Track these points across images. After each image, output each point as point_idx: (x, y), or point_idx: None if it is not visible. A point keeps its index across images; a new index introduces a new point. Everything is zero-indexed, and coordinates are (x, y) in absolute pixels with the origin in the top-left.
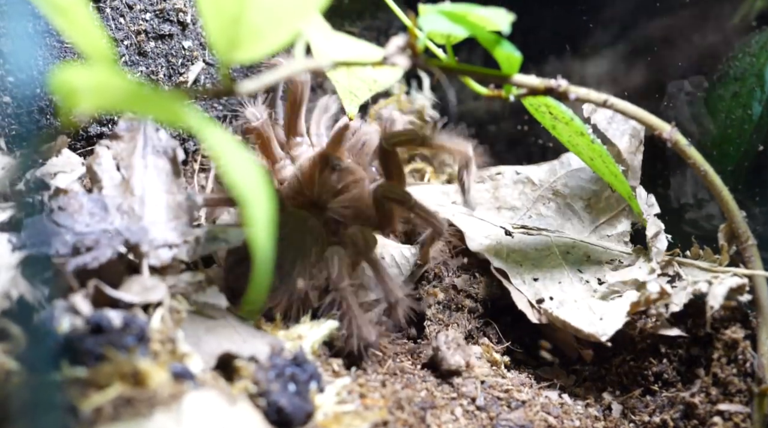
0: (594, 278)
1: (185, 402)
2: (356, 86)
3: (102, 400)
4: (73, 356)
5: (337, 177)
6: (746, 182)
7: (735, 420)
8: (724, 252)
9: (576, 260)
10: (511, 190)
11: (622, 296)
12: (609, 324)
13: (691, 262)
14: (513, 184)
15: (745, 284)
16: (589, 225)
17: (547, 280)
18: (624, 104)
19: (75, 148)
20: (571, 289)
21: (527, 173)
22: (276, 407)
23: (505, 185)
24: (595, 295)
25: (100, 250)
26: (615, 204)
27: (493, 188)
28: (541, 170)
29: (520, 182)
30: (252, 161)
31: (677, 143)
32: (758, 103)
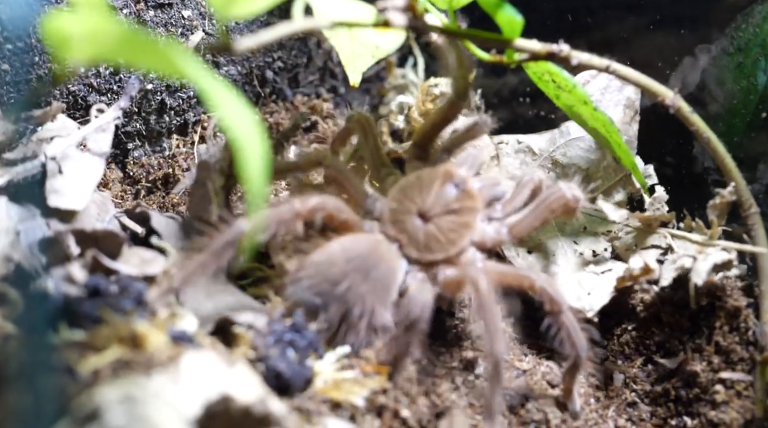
0: (589, 250)
1: (183, 363)
2: (358, 52)
3: (100, 362)
4: (71, 319)
5: (455, 196)
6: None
7: (737, 388)
8: (714, 227)
9: (572, 231)
10: (512, 159)
11: (612, 270)
12: (596, 299)
13: (683, 235)
14: (515, 153)
15: (731, 259)
16: (588, 194)
17: (541, 253)
18: (626, 70)
19: (74, 117)
20: (563, 262)
21: (528, 142)
22: (275, 372)
23: (507, 154)
24: (586, 269)
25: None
26: (613, 174)
27: (496, 157)
28: (542, 138)
29: (521, 151)
30: (247, 109)
31: (680, 110)
32: (763, 73)
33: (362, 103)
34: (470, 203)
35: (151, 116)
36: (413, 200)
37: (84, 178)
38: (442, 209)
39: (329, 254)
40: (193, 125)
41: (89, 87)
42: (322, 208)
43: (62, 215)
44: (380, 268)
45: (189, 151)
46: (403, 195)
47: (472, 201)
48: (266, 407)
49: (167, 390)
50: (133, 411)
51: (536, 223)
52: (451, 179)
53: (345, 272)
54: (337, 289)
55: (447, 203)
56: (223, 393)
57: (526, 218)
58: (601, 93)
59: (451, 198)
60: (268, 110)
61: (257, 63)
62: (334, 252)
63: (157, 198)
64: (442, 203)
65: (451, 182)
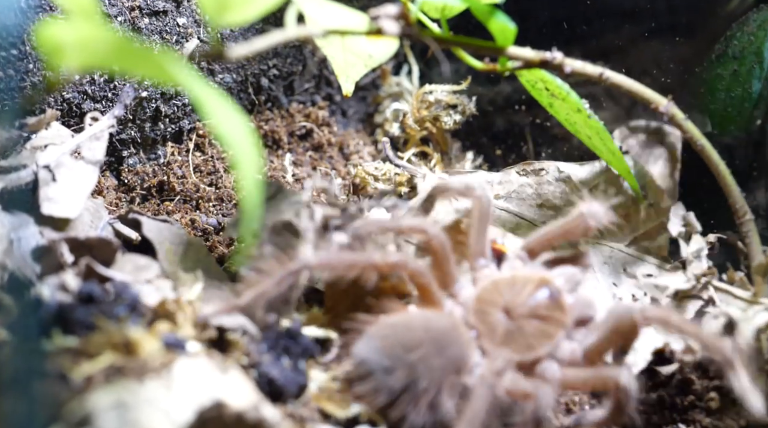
0: (628, 294)
1: (175, 369)
2: (351, 62)
3: (93, 369)
4: (65, 326)
5: (546, 304)
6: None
7: (732, 396)
8: (758, 285)
9: (612, 271)
10: (553, 187)
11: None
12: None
13: (726, 288)
14: (555, 182)
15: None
16: (629, 235)
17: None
18: (620, 78)
19: (69, 125)
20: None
21: (569, 172)
22: (267, 378)
23: (547, 182)
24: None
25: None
26: (654, 215)
27: (536, 183)
28: (582, 170)
29: (562, 180)
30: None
31: (674, 117)
32: (758, 81)
33: (358, 112)
34: (559, 315)
35: (146, 123)
36: (502, 295)
37: (77, 186)
38: (530, 311)
39: (409, 320)
40: (188, 133)
41: (84, 95)
42: (404, 267)
43: (56, 223)
44: (456, 349)
45: (184, 159)
46: (494, 288)
47: (561, 314)
48: (259, 413)
49: (160, 396)
50: (124, 416)
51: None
52: (547, 286)
53: (421, 341)
54: (409, 355)
55: (536, 308)
56: (216, 399)
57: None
58: (641, 148)
59: (541, 304)
60: (263, 118)
61: (252, 71)
62: (415, 319)
63: (152, 205)
64: (530, 306)
65: (545, 288)
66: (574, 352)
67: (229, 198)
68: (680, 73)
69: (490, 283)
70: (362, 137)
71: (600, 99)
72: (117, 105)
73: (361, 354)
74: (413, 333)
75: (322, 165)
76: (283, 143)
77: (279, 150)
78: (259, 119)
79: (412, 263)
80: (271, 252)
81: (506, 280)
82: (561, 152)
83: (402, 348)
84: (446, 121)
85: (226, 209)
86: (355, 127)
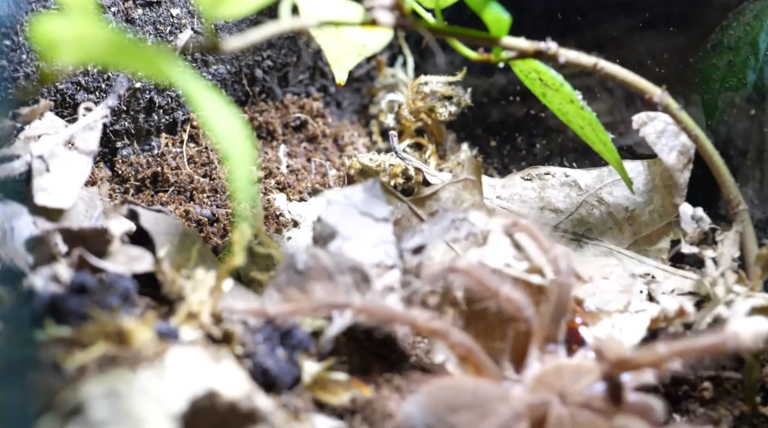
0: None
1: (168, 359)
2: (345, 51)
3: (86, 358)
4: (58, 316)
5: (602, 398)
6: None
7: (726, 386)
8: (756, 278)
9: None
10: (557, 192)
11: (646, 311)
12: (627, 337)
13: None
14: (560, 186)
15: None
16: (629, 237)
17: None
18: (614, 68)
19: (62, 115)
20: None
21: (575, 177)
22: (262, 368)
23: (552, 186)
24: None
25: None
26: (658, 219)
27: (539, 187)
28: (589, 175)
29: (567, 184)
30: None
31: (668, 107)
32: (752, 72)
33: (352, 103)
34: (614, 411)
35: (140, 114)
36: (562, 380)
37: (71, 176)
38: (584, 401)
39: (461, 383)
40: (182, 124)
41: (77, 85)
42: (445, 336)
43: (49, 214)
44: (500, 419)
45: (178, 150)
46: (556, 372)
47: (617, 410)
48: (253, 403)
49: (153, 385)
50: (117, 405)
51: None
52: (608, 379)
53: (467, 405)
54: (452, 416)
55: (591, 398)
56: (209, 388)
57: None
58: (657, 136)
59: (597, 396)
60: (257, 109)
61: (246, 62)
62: (466, 383)
63: (146, 196)
64: (586, 395)
65: (606, 381)
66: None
67: (224, 189)
68: (675, 65)
69: (553, 367)
70: (357, 129)
71: (595, 91)
72: (111, 96)
73: (407, 409)
74: (461, 396)
75: (317, 156)
76: (278, 135)
77: (273, 141)
78: (253, 111)
79: (454, 335)
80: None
81: (571, 367)
82: (556, 144)
83: (447, 408)
84: (441, 112)
85: (220, 200)
86: (349, 118)
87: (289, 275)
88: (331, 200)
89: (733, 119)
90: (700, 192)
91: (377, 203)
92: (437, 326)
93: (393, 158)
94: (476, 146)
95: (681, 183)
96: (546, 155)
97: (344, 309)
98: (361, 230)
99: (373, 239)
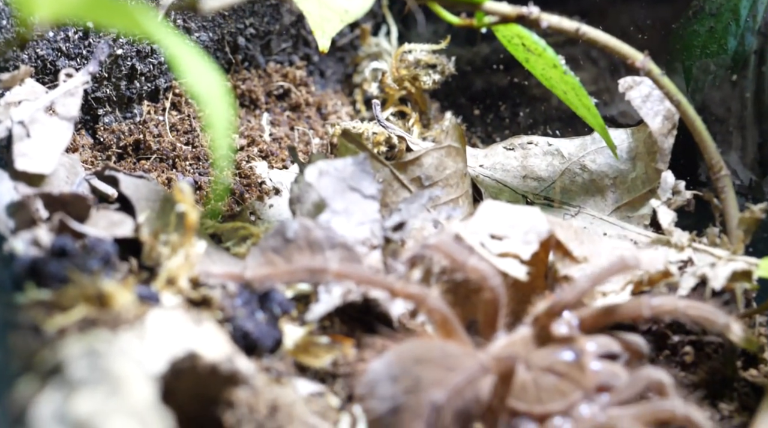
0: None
1: (149, 321)
2: (327, 17)
3: (66, 321)
4: (39, 280)
5: (566, 362)
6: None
7: (707, 350)
8: (739, 241)
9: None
10: (540, 160)
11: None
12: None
13: (705, 249)
14: (543, 155)
15: (751, 271)
16: (612, 204)
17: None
18: (596, 33)
19: (43, 81)
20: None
21: (558, 146)
22: (242, 332)
23: (534, 155)
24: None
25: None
26: (640, 186)
27: (522, 156)
28: (572, 143)
29: (550, 153)
30: (210, 69)
31: (650, 72)
32: (733, 38)
33: (336, 72)
34: (578, 375)
35: (122, 81)
36: (527, 347)
37: (52, 142)
38: (547, 365)
39: (430, 343)
40: (165, 92)
41: (58, 51)
42: (422, 302)
43: (30, 179)
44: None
45: (160, 117)
46: (523, 342)
47: (581, 375)
48: (234, 365)
49: (133, 346)
50: (96, 364)
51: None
52: (573, 346)
53: (433, 359)
54: (416, 368)
55: (554, 363)
56: (190, 350)
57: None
58: (642, 101)
59: (560, 360)
60: (240, 77)
61: (229, 29)
62: (435, 343)
63: (128, 164)
64: (549, 360)
65: (571, 348)
66: (595, 417)
67: (206, 157)
68: (658, 33)
69: (520, 336)
70: (340, 98)
71: (578, 59)
72: (91, 61)
73: (373, 365)
74: (429, 352)
75: (300, 125)
76: (261, 103)
77: (256, 110)
78: (236, 79)
79: (432, 301)
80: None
81: (537, 335)
82: (539, 113)
83: (413, 361)
84: (425, 80)
85: (203, 167)
86: (333, 87)
87: (276, 241)
88: (323, 170)
89: (715, 86)
90: (682, 158)
91: (366, 178)
92: (414, 291)
93: (376, 127)
94: (460, 115)
95: (665, 148)
96: (529, 123)
97: (322, 274)
98: (350, 205)
99: (360, 216)
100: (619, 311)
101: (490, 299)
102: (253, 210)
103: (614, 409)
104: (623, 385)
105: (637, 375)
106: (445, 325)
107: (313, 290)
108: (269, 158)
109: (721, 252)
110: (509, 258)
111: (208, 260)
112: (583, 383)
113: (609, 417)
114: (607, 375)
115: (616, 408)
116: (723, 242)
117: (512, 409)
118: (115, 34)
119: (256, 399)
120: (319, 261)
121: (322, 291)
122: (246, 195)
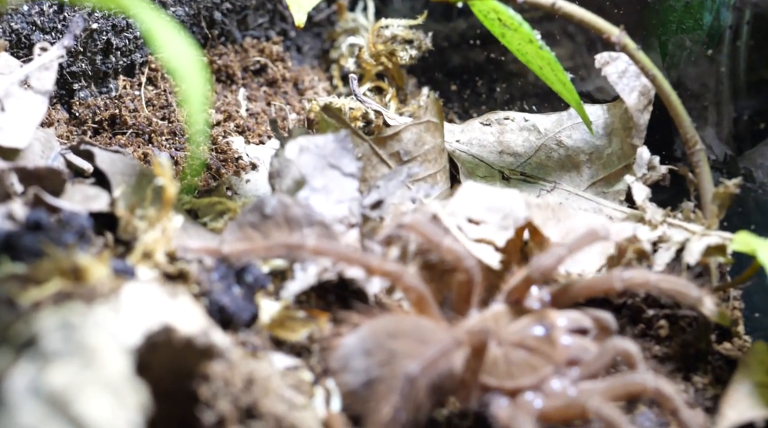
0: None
1: (124, 294)
2: None
3: (41, 295)
4: (13, 253)
5: (537, 337)
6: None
7: (681, 324)
8: (713, 216)
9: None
10: (516, 136)
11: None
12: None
13: (680, 224)
14: (519, 130)
15: (725, 245)
16: (587, 180)
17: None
18: (572, 7)
19: (18, 56)
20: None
21: (534, 121)
22: (218, 306)
23: (511, 131)
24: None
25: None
26: (616, 161)
27: (498, 132)
28: (548, 119)
29: (526, 129)
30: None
31: (626, 47)
32: (709, 13)
33: (313, 48)
34: (548, 350)
35: (97, 56)
36: (499, 323)
37: (27, 116)
38: (518, 340)
39: (403, 318)
40: (140, 66)
41: (33, 25)
42: (398, 279)
43: (5, 153)
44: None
45: (136, 92)
46: (494, 318)
47: (552, 350)
48: (209, 338)
49: (107, 319)
50: (70, 336)
51: (606, 398)
52: (544, 321)
53: (406, 333)
54: (390, 342)
55: (525, 338)
56: (165, 323)
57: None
58: (618, 76)
59: (531, 335)
60: (216, 53)
61: (205, 4)
62: (408, 318)
63: (103, 139)
64: (520, 336)
65: (542, 323)
66: (566, 391)
67: (182, 132)
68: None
69: (492, 313)
70: (317, 73)
71: (555, 35)
72: (66, 35)
73: (347, 339)
74: (403, 327)
75: (277, 100)
76: (237, 78)
77: (233, 85)
78: (212, 54)
79: (409, 278)
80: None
81: (509, 312)
82: (516, 88)
83: (387, 335)
84: (402, 56)
85: (179, 143)
86: (310, 63)
87: (254, 217)
88: (304, 147)
89: (691, 61)
90: (658, 133)
91: (346, 156)
92: (391, 268)
93: (353, 102)
94: (437, 90)
95: (641, 124)
96: (506, 99)
97: (299, 251)
98: (329, 183)
99: (339, 194)
100: (591, 284)
101: (465, 280)
102: (230, 185)
103: (585, 383)
104: (592, 357)
105: (605, 346)
106: (421, 302)
107: (289, 267)
108: (246, 133)
109: (696, 227)
110: (484, 244)
111: (185, 234)
112: (554, 357)
113: (579, 391)
114: (577, 350)
115: (587, 382)
116: (697, 216)
117: (484, 384)
118: (90, 8)
119: (232, 372)
120: (296, 238)
121: (297, 269)
122: (222, 170)
